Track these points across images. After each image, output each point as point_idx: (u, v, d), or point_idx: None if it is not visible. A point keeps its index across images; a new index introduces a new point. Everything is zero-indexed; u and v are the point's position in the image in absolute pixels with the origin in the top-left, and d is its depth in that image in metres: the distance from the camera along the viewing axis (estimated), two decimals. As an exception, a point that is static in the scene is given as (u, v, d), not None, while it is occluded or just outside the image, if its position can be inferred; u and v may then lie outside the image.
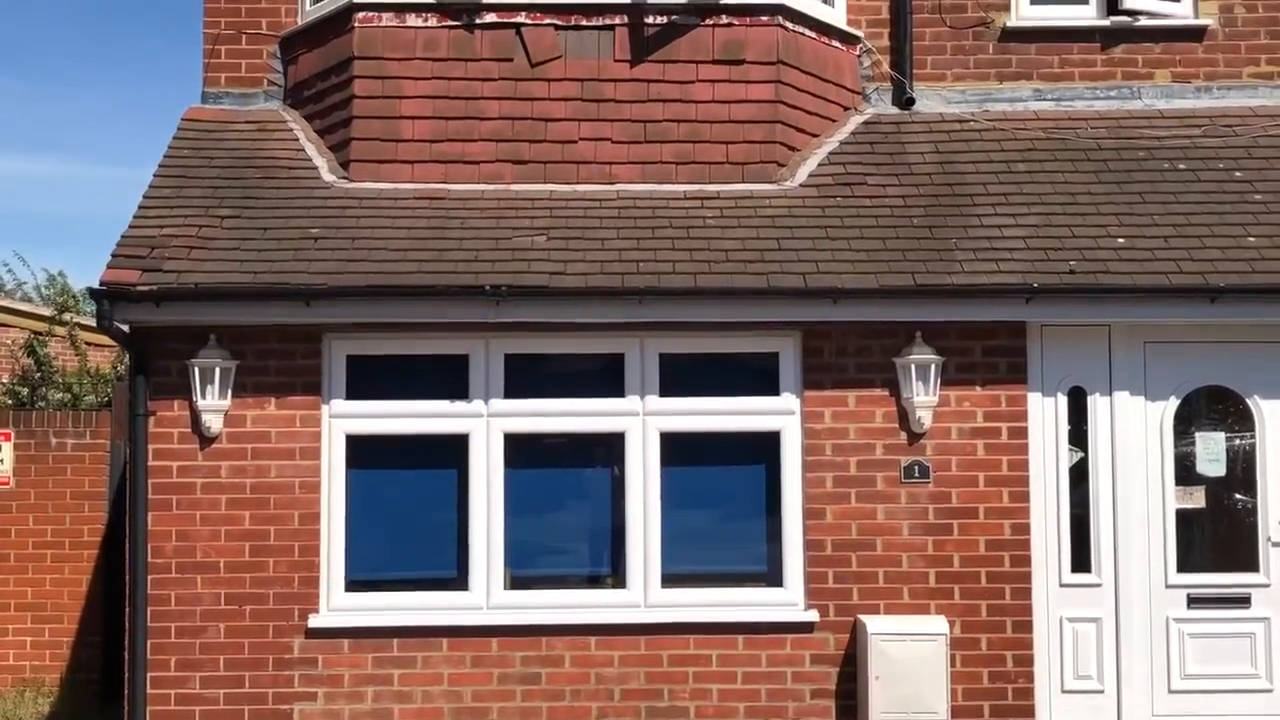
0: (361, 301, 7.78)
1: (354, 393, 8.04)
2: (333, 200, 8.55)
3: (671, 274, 7.89)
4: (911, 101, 9.43)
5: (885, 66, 9.48)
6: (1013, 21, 9.55)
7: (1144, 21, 9.53)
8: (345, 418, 8.03)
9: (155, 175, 8.63)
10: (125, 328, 7.83)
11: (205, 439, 7.91)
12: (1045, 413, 8.15)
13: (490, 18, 8.89)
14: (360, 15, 8.90)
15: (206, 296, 7.72)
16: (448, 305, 7.81)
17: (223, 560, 7.87)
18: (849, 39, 9.44)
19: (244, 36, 9.36)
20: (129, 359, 8.34)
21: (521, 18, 8.89)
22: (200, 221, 8.21)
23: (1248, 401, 8.24)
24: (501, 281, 7.76)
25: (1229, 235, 8.23)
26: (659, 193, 8.71)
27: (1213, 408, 8.35)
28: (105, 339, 10.15)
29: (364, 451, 8.04)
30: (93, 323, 10.24)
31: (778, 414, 8.09)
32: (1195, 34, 9.55)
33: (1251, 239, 8.20)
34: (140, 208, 8.32)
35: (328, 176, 8.78)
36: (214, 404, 7.85)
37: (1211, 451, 8.24)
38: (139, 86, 37.47)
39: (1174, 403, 8.22)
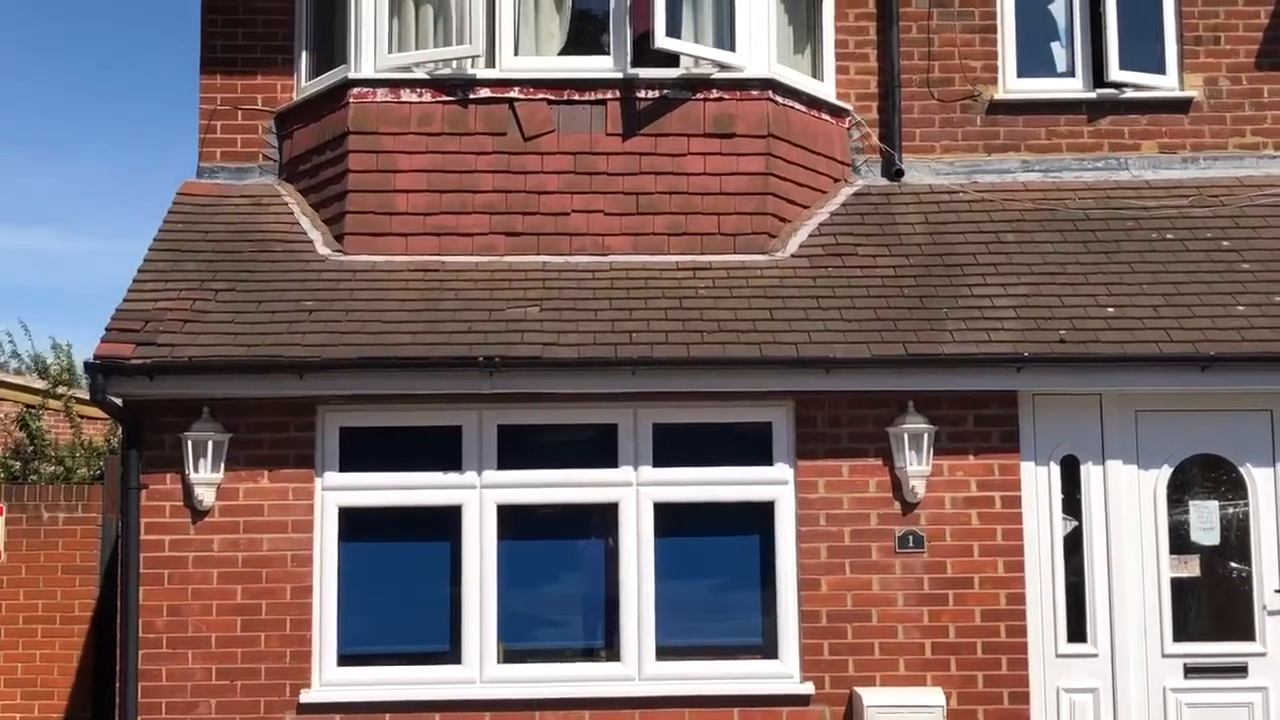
0: (354, 374, 7.78)
1: (347, 465, 8.01)
2: (327, 273, 8.57)
3: (664, 344, 7.90)
4: (901, 173, 9.49)
5: (874, 139, 9.56)
6: (1000, 94, 9.64)
7: (1130, 94, 9.62)
8: (338, 490, 7.99)
9: (150, 249, 8.65)
10: (119, 401, 7.81)
11: (197, 512, 7.86)
12: (1038, 481, 8.13)
13: (484, 93, 8.96)
14: (355, 91, 8.97)
15: (200, 370, 7.71)
16: (441, 377, 7.80)
17: (214, 635, 7.80)
18: (838, 112, 9.52)
19: (240, 112, 9.43)
20: (122, 432, 8.31)
21: (515, 93, 8.96)
22: (194, 295, 8.22)
23: (1240, 470, 8.21)
24: (495, 353, 7.75)
25: (1218, 304, 8.25)
26: (651, 264, 8.74)
27: (1206, 476, 8.32)
28: (99, 411, 10.12)
29: (357, 524, 8.00)
30: (87, 395, 10.22)
31: (771, 484, 8.06)
32: (1181, 106, 9.64)
33: (1240, 308, 8.22)
34: (135, 282, 8.33)
35: (322, 250, 8.81)
36: (207, 477, 7.82)
37: (1205, 520, 8.21)
38: (138, 160, 37.71)
39: (1167, 471, 8.20)
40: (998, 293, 8.39)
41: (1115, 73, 9.56)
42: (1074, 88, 9.69)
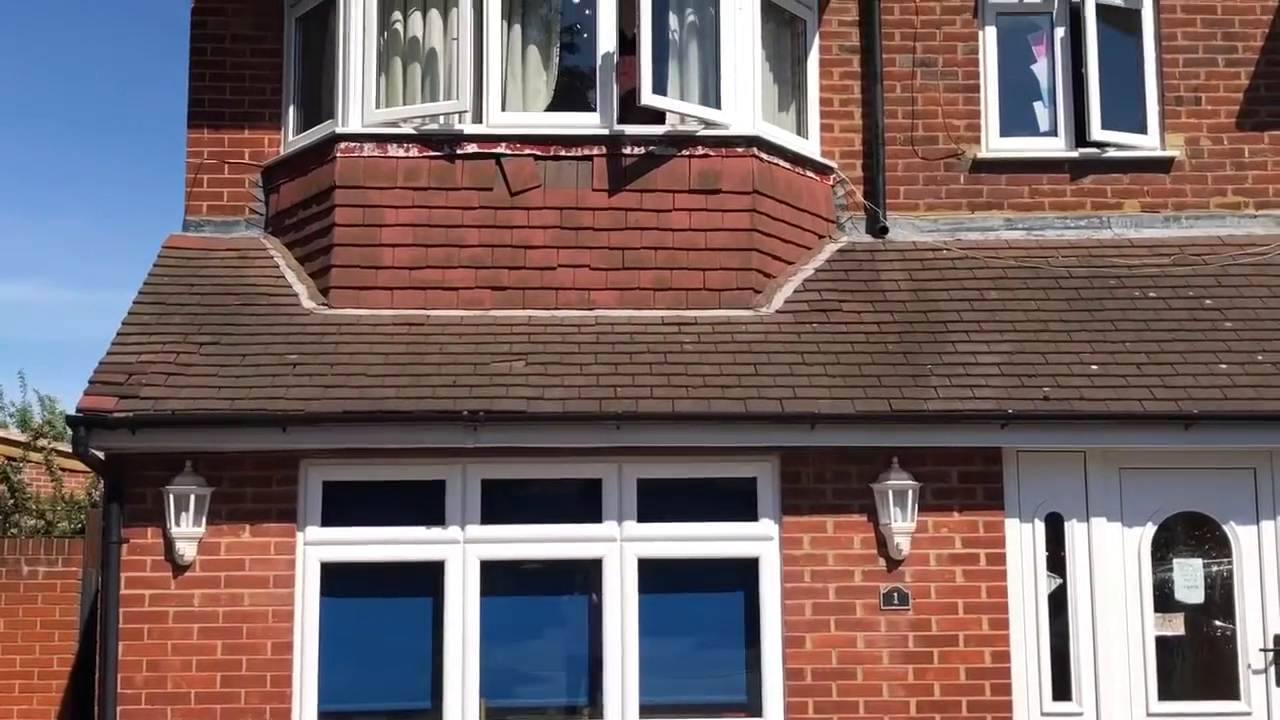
0: (338, 427, 7.74)
1: (329, 519, 7.96)
2: (312, 326, 8.55)
3: (649, 399, 7.88)
4: (885, 230, 9.53)
5: (859, 196, 9.61)
6: (983, 153, 9.70)
7: (1112, 153, 9.69)
8: (320, 545, 7.93)
9: (135, 302, 8.63)
10: (101, 454, 7.76)
11: (178, 567, 7.80)
12: (1023, 539, 8.11)
13: (471, 148, 8.99)
14: (342, 146, 8.99)
15: (183, 423, 7.68)
16: (425, 430, 7.77)
17: (194, 691, 7.71)
18: (823, 169, 9.58)
19: (226, 166, 9.44)
20: (104, 486, 8.26)
21: (502, 148, 8.99)
22: (179, 348, 8.19)
23: (1224, 528, 8.21)
24: (479, 407, 7.73)
25: (1200, 363, 8.27)
26: (637, 318, 8.74)
27: (1190, 534, 8.31)
28: (81, 464, 10.05)
29: (338, 579, 7.93)
30: (68, 447, 10.15)
31: (756, 540, 8.03)
32: (1163, 165, 9.71)
33: (1223, 366, 8.25)
34: (119, 335, 8.30)
35: (308, 303, 8.80)
36: (188, 531, 7.76)
37: (1190, 578, 8.19)
38: (124, 211, 37.73)
39: (1151, 529, 8.19)
40: (981, 350, 8.41)
41: (1097, 132, 9.62)
42: (1056, 147, 9.76)
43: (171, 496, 7.76)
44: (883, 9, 9.68)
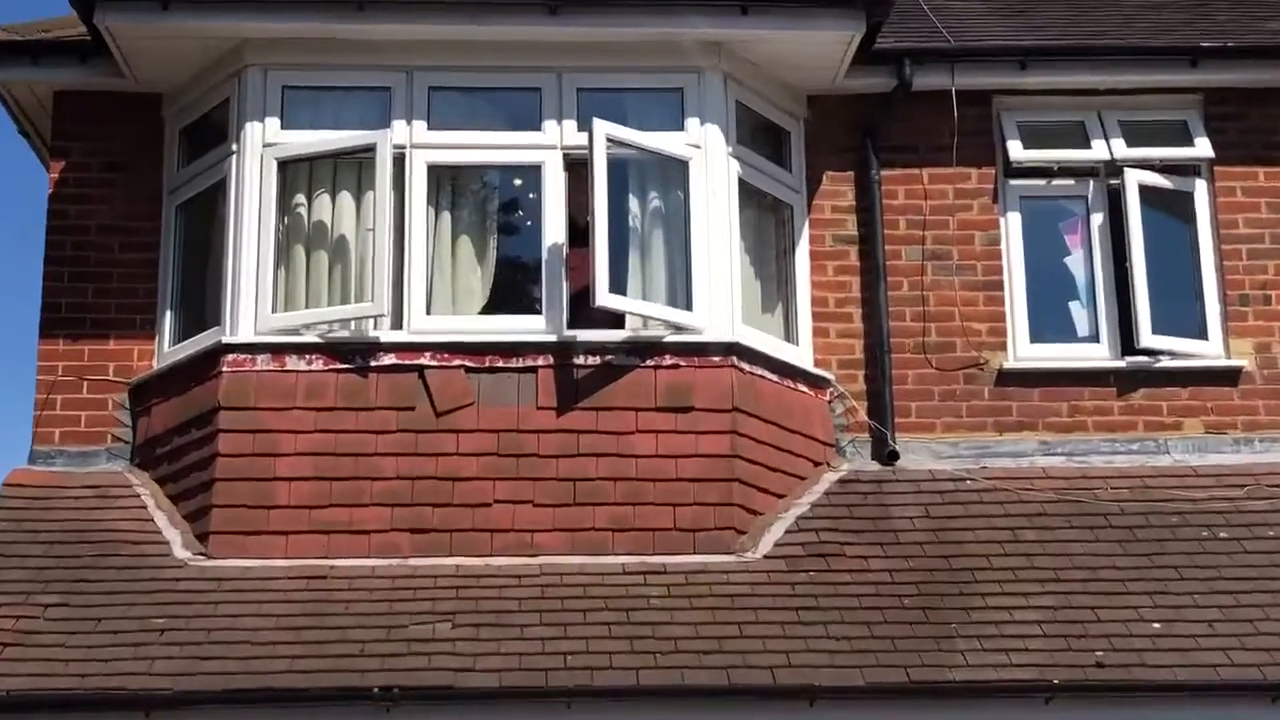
0: (215, 710, 7.61)
1: (199, 829, 7.70)
2: (185, 582, 8.48)
3: (608, 669, 7.80)
4: (895, 455, 9.53)
5: (862, 414, 9.63)
6: (1010, 363, 9.78)
7: (1165, 363, 9.78)
8: None
9: (-34, 555, 8.53)
10: (-88, 747, 7.52)
11: None
12: (1077, 843, 7.90)
13: (389, 359, 9.01)
14: (230, 358, 8.99)
15: (19, 707, 7.52)
16: (325, 713, 7.63)
17: None
18: (817, 382, 9.61)
19: (85, 384, 9.44)
20: (-85, 787, 7.96)
21: (425, 359, 9.01)
22: (18, 612, 8.09)
23: (1323, 822, 8.04)
24: (393, 682, 7.63)
25: (1287, 618, 8.25)
26: (592, 566, 8.68)
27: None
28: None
29: None
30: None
31: None
32: (1228, 377, 9.78)
33: (1316, 622, 8.21)
34: (-56, 596, 8.18)
35: (181, 553, 8.72)
36: (18, 846, 7.47)
37: None
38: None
39: (1232, 824, 8.01)
40: (1018, 604, 8.37)
41: (1147, 338, 9.73)
42: (1099, 355, 9.85)
43: (0, 801, 7.49)
44: (884, 192, 9.89)
